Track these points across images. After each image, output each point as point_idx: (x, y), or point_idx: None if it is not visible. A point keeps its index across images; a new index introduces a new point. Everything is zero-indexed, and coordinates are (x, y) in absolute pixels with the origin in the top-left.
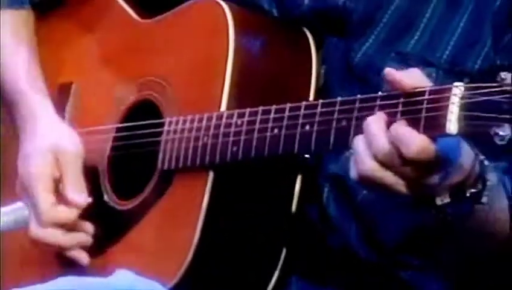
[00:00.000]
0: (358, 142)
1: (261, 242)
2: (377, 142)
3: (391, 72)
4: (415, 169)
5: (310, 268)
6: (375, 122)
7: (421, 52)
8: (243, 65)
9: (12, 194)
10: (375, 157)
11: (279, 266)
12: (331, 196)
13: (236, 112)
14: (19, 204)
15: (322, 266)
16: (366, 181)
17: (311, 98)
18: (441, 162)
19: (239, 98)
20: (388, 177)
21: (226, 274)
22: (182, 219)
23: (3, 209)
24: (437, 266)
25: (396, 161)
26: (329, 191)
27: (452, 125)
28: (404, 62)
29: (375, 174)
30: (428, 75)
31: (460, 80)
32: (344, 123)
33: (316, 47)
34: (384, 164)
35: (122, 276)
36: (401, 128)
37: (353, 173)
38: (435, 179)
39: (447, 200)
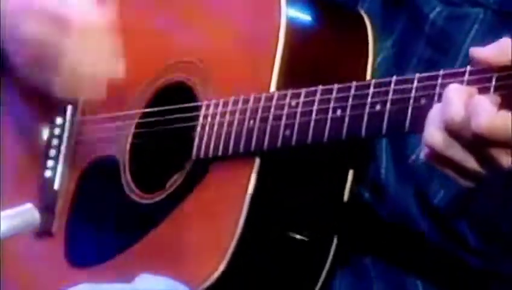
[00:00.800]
0: (433, 110)
1: (309, 238)
2: (450, 108)
3: (476, 52)
4: (485, 147)
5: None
6: (456, 89)
7: None
8: (295, 43)
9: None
10: (445, 126)
11: (329, 261)
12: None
13: (289, 92)
14: (27, 205)
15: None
16: (434, 157)
17: None
18: None
19: (290, 80)
20: (456, 152)
21: (268, 274)
22: (220, 214)
23: (7, 212)
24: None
25: (466, 133)
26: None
27: None
28: (448, 0)
29: (443, 148)
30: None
31: (510, 23)
32: (424, 101)
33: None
34: (452, 134)
35: (145, 281)
36: (480, 98)
37: (422, 153)
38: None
39: None
